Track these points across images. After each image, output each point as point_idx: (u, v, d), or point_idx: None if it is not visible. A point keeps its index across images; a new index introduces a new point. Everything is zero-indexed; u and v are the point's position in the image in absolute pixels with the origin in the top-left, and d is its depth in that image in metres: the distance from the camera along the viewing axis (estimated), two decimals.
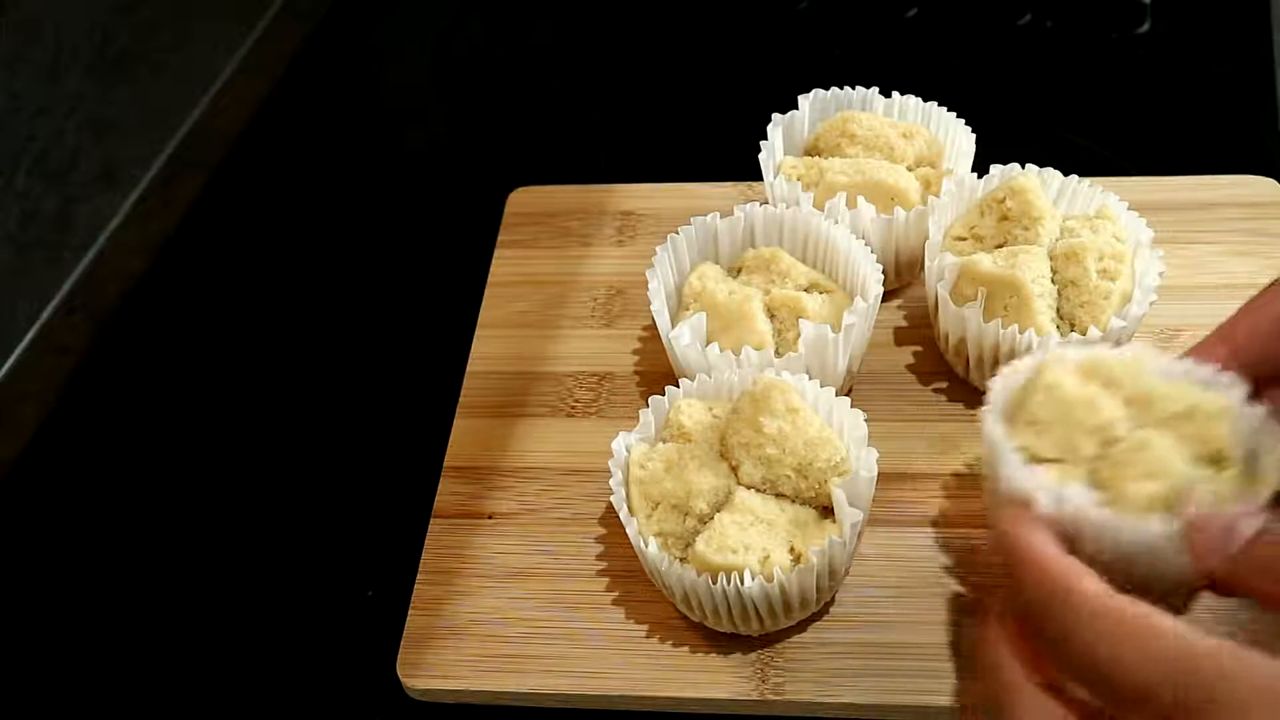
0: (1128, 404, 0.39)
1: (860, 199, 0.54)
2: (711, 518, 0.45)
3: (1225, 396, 0.38)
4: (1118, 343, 0.48)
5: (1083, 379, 0.40)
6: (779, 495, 0.46)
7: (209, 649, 0.52)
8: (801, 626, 0.47)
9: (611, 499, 0.46)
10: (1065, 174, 0.55)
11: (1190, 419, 0.38)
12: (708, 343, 0.52)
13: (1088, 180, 0.55)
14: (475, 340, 0.60)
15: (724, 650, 0.47)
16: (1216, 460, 0.38)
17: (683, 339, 0.51)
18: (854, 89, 0.61)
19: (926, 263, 0.53)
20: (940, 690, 0.45)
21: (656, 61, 0.81)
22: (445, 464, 0.55)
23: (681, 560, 0.45)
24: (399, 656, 0.49)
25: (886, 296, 0.57)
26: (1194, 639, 0.31)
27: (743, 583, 0.43)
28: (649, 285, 0.53)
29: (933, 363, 0.56)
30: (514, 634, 0.49)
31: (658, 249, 0.55)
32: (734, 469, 0.47)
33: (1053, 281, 0.51)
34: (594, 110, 0.78)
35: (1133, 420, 0.39)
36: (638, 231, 0.64)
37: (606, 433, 0.51)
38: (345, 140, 0.80)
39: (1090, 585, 0.33)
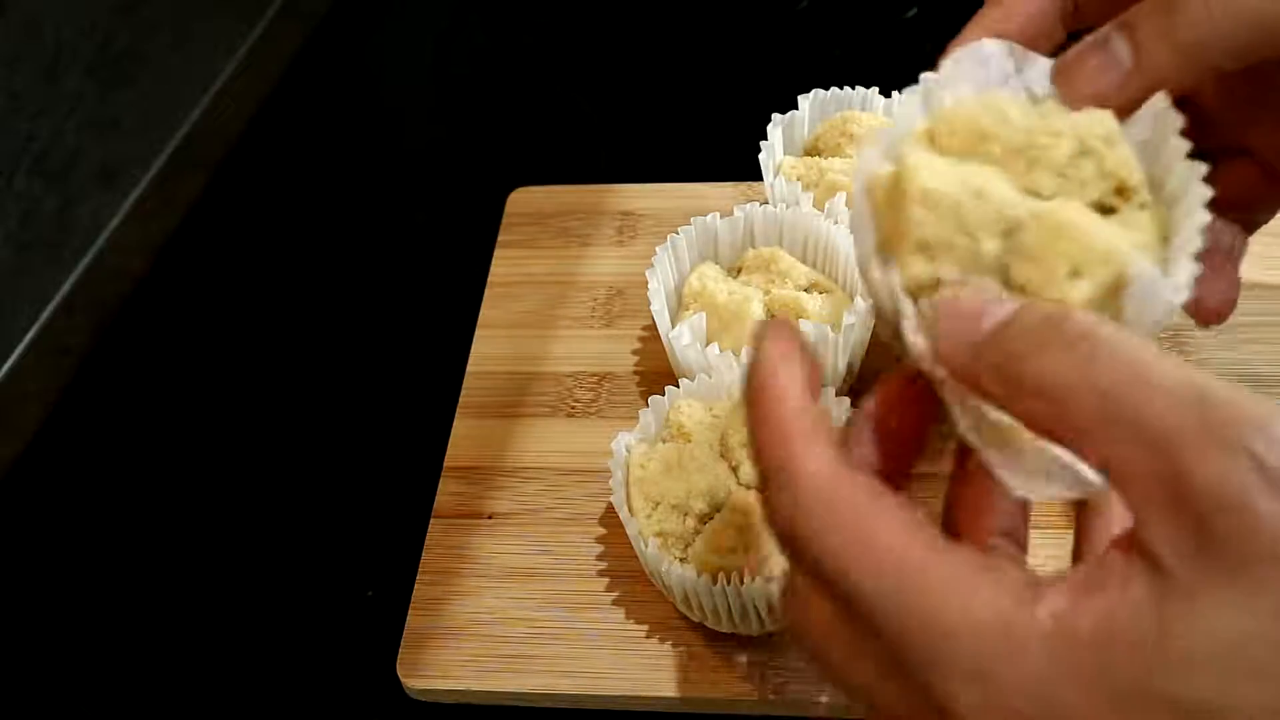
0: (1005, 164, 0.31)
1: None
2: (711, 518, 0.46)
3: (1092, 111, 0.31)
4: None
5: (944, 157, 0.31)
6: None
7: (209, 649, 0.52)
8: None
9: (611, 499, 0.46)
10: None
11: (1086, 158, 0.31)
12: (708, 343, 0.52)
13: None
14: (475, 340, 0.60)
15: (724, 650, 0.47)
16: (1121, 193, 0.31)
17: (683, 339, 0.51)
18: (854, 89, 0.61)
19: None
20: None
21: (656, 61, 0.81)
22: (445, 464, 0.55)
23: (681, 560, 0.45)
24: (399, 656, 0.49)
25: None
26: (923, 559, 0.24)
27: (743, 583, 0.43)
28: (649, 285, 0.53)
29: None
30: (514, 634, 0.49)
31: (658, 249, 0.55)
32: (734, 469, 0.47)
33: None
34: (594, 110, 0.78)
35: (1021, 184, 0.31)
36: (638, 231, 0.64)
37: (606, 433, 0.51)
38: (345, 140, 0.80)
39: (814, 461, 0.26)
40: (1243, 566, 0.21)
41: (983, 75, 0.33)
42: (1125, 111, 0.32)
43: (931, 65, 0.34)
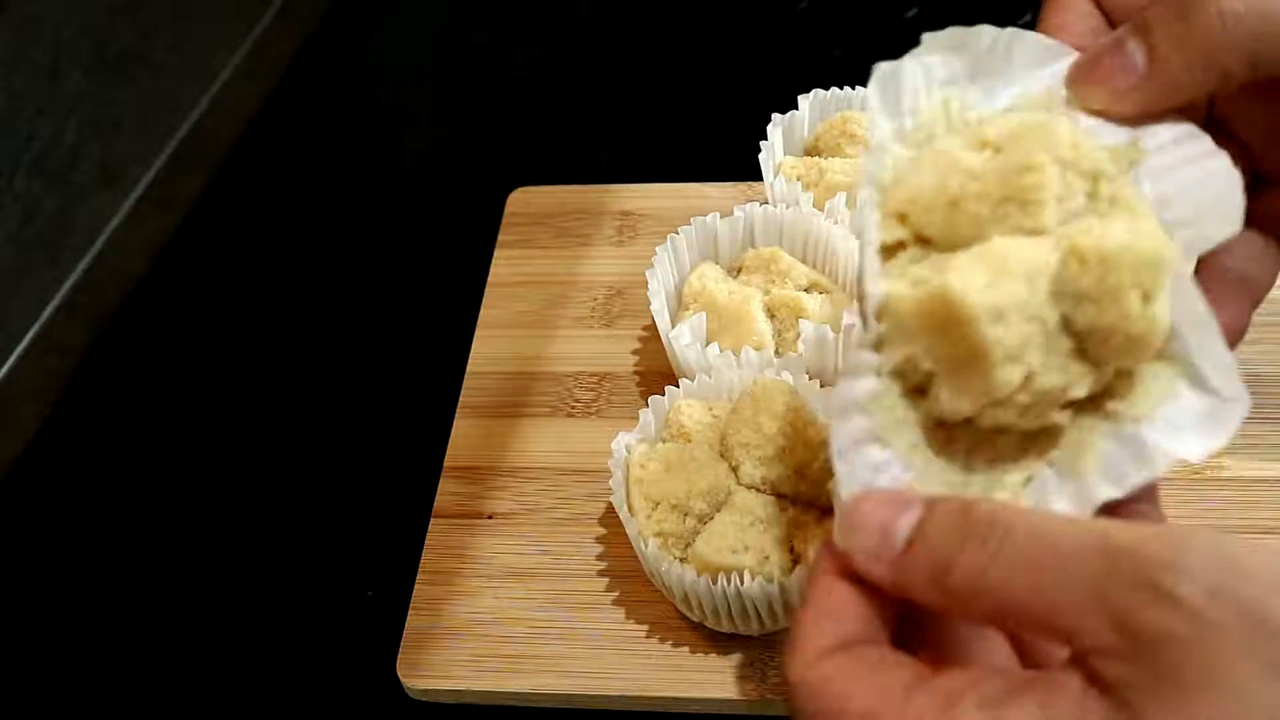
0: (1000, 221, 0.30)
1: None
2: (711, 518, 0.46)
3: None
4: None
5: (954, 251, 0.30)
6: (779, 496, 0.46)
7: (209, 649, 0.52)
8: None
9: (611, 499, 0.46)
10: None
11: (1067, 169, 0.30)
12: (708, 343, 0.52)
13: None
14: (475, 340, 0.60)
15: (724, 650, 0.47)
16: (1096, 181, 0.31)
17: (683, 339, 0.51)
18: (854, 89, 0.61)
19: None
20: None
21: (656, 61, 0.81)
22: (445, 464, 0.55)
23: (681, 560, 0.45)
24: (399, 656, 0.49)
25: None
26: (883, 717, 0.26)
27: (743, 583, 0.43)
28: (649, 285, 0.53)
29: None
30: (514, 634, 0.49)
31: (658, 249, 0.55)
32: (734, 469, 0.47)
33: None
34: (594, 110, 0.78)
35: (1027, 231, 0.30)
36: (638, 231, 0.64)
37: (606, 433, 0.51)
38: (345, 140, 0.80)
39: (811, 646, 0.28)
40: (1191, 688, 0.23)
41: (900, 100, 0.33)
42: (1138, 116, 0.32)
43: None
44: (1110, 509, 0.30)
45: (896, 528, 0.28)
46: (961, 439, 0.31)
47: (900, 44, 0.34)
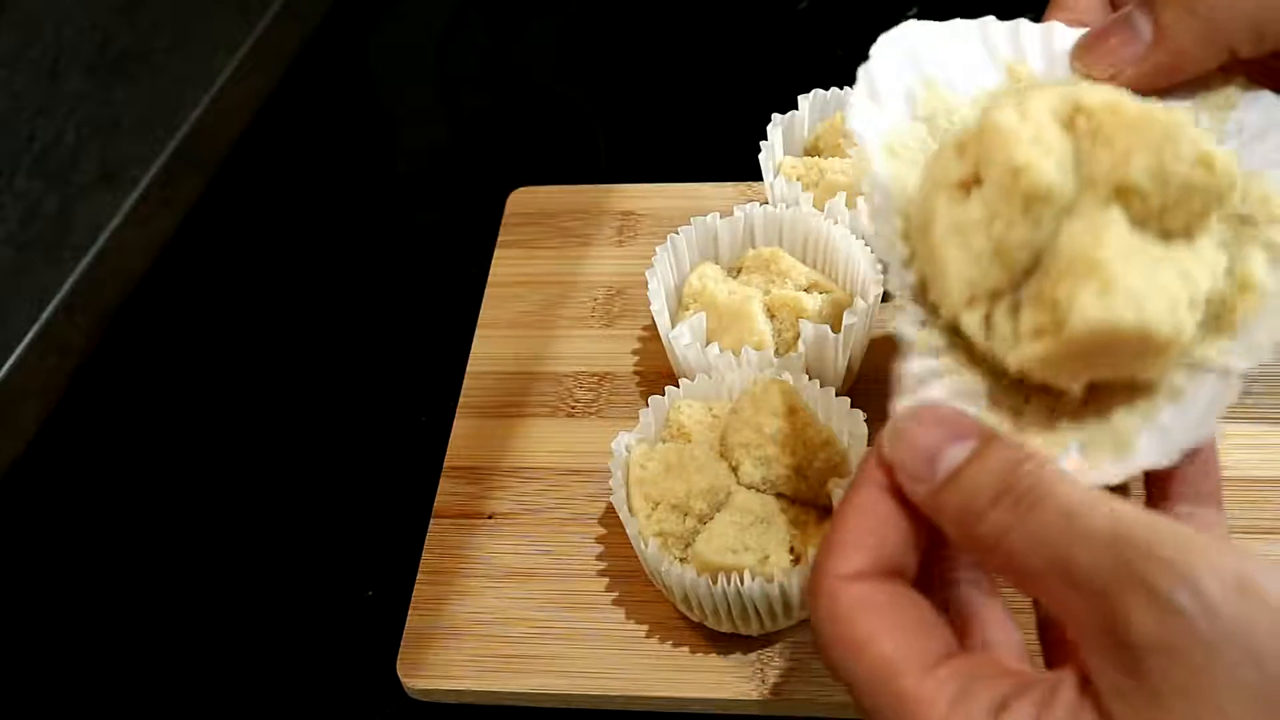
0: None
1: (860, 199, 0.54)
2: (711, 518, 0.45)
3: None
4: None
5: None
6: (779, 495, 0.46)
7: (209, 649, 0.52)
8: (801, 626, 0.47)
9: (611, 499, 0.46)
10: None
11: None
12: (708, 343, 0.52)
13: None
14: (475, 340, 0.60)
15: (724, 650, 0.47)
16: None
17: (683, 339, 0.51)
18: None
19: None
20: None
21: (656, 61, 0.81)
22: (445, 464, 0.55)
23: (681, 560, 0.45)
24: (399, 656, 0.49)
25: (886, 296, 0.57)
26: (905, 680, 0.26)
27: (742, 583, 0.43)
28: (649, 285, 0.53)
29: None
30: (514, 634, 0.49)
31: (658, 249, 0.55)
32: (734, 469, 0.46)
33: None
34: (594, 110, 0.78)
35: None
36: (638, 231, 0.64)
37: (606, 433, 0.51)
38: (346, 140, 0.80)
39: (844, 563, 0.28)
40: (1166, 703, 0.23)
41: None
42: (1143, 89, 0.32)
43: None
44: (1165, 506, 0.30)
45: (944, 457, 0.28)
46: (1025, 395, 0.31)
47: None
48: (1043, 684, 0.26)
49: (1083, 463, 0.30)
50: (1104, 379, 0.30)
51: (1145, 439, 0.30)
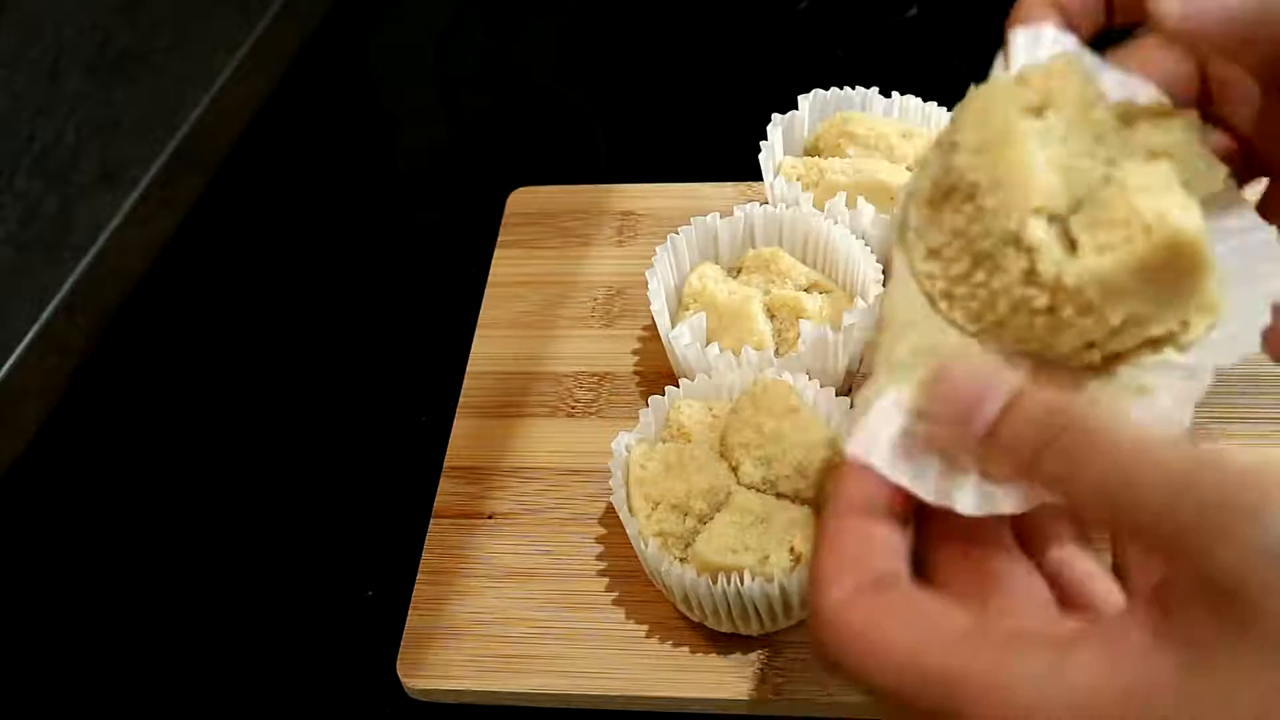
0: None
1: (860, 199, 0.54)
2: (711, 518, 0.45)
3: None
4: None
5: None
6: (779, 495, 0.46)
7: (209, 649, 0.52)
8: (801, 626, 0.47)
9: (611, 499, 0.46)
10: None
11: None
12: (708, 343, 0.52)
13: None
14: (475, 340, 0.60)
15: (724, 650, 0.47)
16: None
17: (683, 339, 0.51)
18: (854, 89, 0.61)
19: None
20: None
21: (656, 61, 0.81)
22: (445, 464, 0.55)
23: (681, 560, 0.45)
24: (399, 656, 0.49)
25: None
26: (930, 657, 0.25)
27: (742, 583, 0.43)
28: (649, 285, 0.53)
29: None
30: (514, 634, 0.49)
31: (658, 249, 0.55)
32: (734, 469, 0.47)
33: None
34: (594, 110, 0.78)
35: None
36: (638, 231, 0.64)
37: (606, 433, 0.51)
38: (345, 140, 0.80)
39: (836, 591, 0.28)
40: (1259, 644, 0.22)
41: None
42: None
43: (931, 65, 0.34)
44: None
45: (986, 403, 0.27)
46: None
47: (900, 44, 0.34)
48: (1105, 624, 0.25)
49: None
50: (1133, 317, 0.30)
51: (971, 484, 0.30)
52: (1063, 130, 0.31)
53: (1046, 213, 0.30)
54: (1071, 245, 0.30)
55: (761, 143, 0.58)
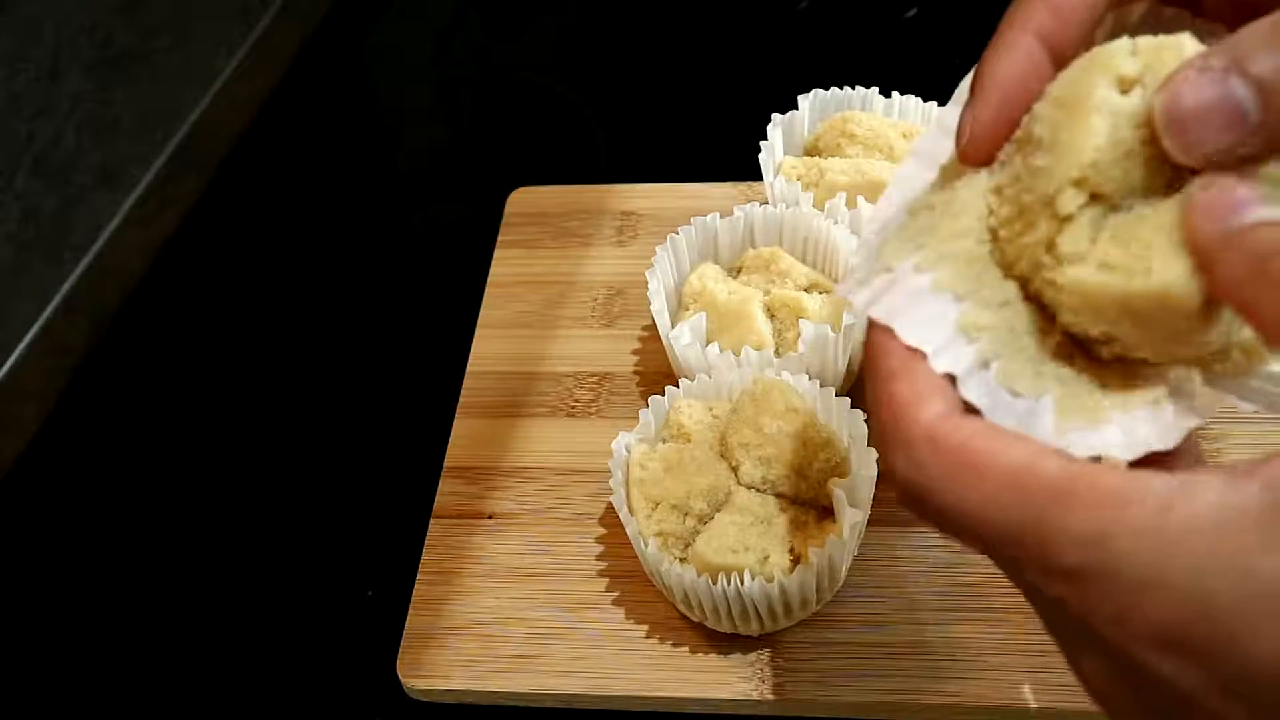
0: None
1: (860, 199, 0.54)
2: (711, 518, 0.46)
3: None
4: None
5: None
6: (779, 495, 0.46)
7: (209, 649, 0.52)
8: (801, 626, 0.47)
9: (611, 499, 0.46)
10: None
11: None
12: (708, 343, 0.52)
13: None
14: (475, 340, 0.60)
15: (724, 650, 0.47)
16: None
17: (683, 339, 0.51)
18: (854, 89, 0.61)
19: None
20: (940, 690, 0.45)
21: (656, 61, 0.81)
22: (445, 464, 0.55)
23: (681, 560, 0.45)
24: (399, 656, 0.49)
25: None
26: (1047, 471, 0.24)
27: (743, 583, 0.43)
28: (649, 285, 0.53)
29: None
30: (514, 634, 0.49)
31: (658, 249, 0.55)
32: (734, 469, 0.47)
33: None
34: (594, 110, 0.78)
35: None
36: (638, 231, 0.64)
37: (606, 433, 0.51)
38: (345, 140, 0.80)
39: (926, 412, 0.26)
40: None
41: None
42: None
43: (931, 65, 0.34)
44: None
45: (1243, 206, 0.25)
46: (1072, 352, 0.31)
47: (900, 44, 0.34)
48: (1223, 469, 0.23)
49: (1058, 420, 0.29)
50: (1114, 339, 0.29)
51: (1116, 419, 0.29)
52: (1146, 116, 0.29)
53: (1090, 189, 0.29)
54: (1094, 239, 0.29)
55: (761, 143, 0.58)
